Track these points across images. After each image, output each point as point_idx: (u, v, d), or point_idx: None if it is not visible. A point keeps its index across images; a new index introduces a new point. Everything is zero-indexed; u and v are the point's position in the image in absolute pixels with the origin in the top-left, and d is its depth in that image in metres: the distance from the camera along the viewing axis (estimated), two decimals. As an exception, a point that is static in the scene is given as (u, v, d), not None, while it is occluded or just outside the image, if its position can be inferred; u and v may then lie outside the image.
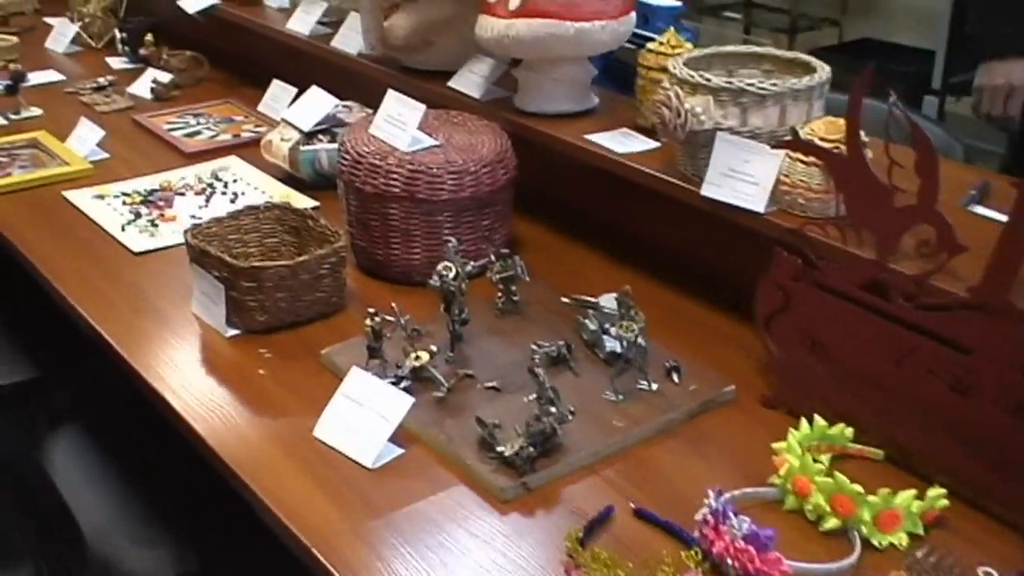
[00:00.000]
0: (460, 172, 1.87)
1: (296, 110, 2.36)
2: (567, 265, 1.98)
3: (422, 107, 1.91)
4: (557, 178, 2.09)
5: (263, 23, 2.86)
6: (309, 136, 2.32)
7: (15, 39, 3.36)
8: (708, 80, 1.68)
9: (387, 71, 2.40)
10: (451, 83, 2.24)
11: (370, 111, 2.32)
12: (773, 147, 1.65)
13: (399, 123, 1.91)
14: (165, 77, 3.00)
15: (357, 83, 2.49)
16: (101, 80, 3.08)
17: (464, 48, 2.27)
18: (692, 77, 1.70)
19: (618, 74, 2.16)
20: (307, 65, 2.74)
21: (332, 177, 2.26)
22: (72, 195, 2.32)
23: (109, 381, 2.25)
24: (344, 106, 2.39)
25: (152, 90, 2.97)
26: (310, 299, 1.80)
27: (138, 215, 2.22)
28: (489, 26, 2.00)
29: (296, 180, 2.35)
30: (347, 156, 1.92)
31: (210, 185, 2.37)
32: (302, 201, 2.26)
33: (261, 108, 2.81)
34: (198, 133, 2.69)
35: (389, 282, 1.95)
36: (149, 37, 3.15)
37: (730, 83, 1.67)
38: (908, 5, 5.66)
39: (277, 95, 2.78)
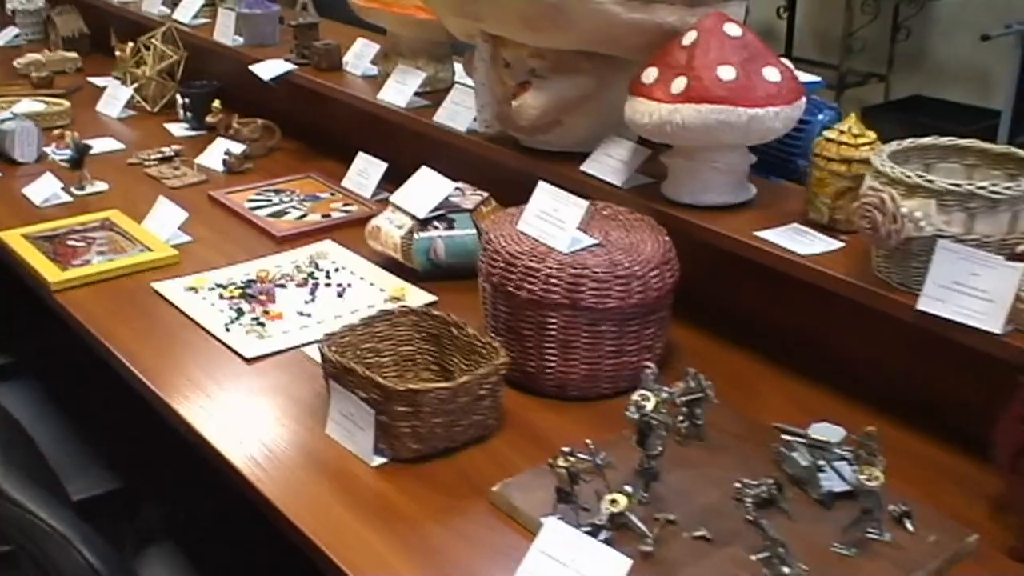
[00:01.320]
0: (627, 276, 1.67)
1: (407, 194, 2.16)
2: (737, 380, 1.77)
3: (584, 203, 1.71)
4: (718, 278, 1.88)
5: (350, 92, 2.66)
6: (423, 223, 2.11)
7: (66, 103, 3.16)
8: (931, 182, 1.49)
9: (506, 151, 2.22)
10: (585, 167, 2.05)
11: (483, 194, 2.14)
12: (1008, 258, 1.45)
13: (556, 221, 1.71)
14: (237, 148, 2.79)
15: (466, 162, 2.29)
16: (166, 150, 2.88)
17: (592, 128, 2.09)
18: (909, 177, 1.50)
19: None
20: (400, 139, 2.55)
21: (447, 267, 2.07)
22: (163, 288, 2.11)
23: (205, 495, 2.04)
24: (456, 188, 2.19)
25: (224, 162, 2.76)
26: (467, 423, 1.59)
27: (240, 312, 2.01)
28: (646, 110, 1.80)
29: (403, 268, 2.14)
30: (497, 257, 1.72)
31: (311, 275, 2.17)
32: (418, 296, 2.06)
33: (347, 184, 2.61)
34: (284, 212, 2.49)
35: (540, 396, 1.74)
36: (217, 104, 2.94)
37: (957, 186, 1.48)
38: (959, 61, 5.51)
39: (365, 170, 2.58)
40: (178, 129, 3.11)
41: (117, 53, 3.48)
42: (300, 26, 2.84)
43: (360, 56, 2.77)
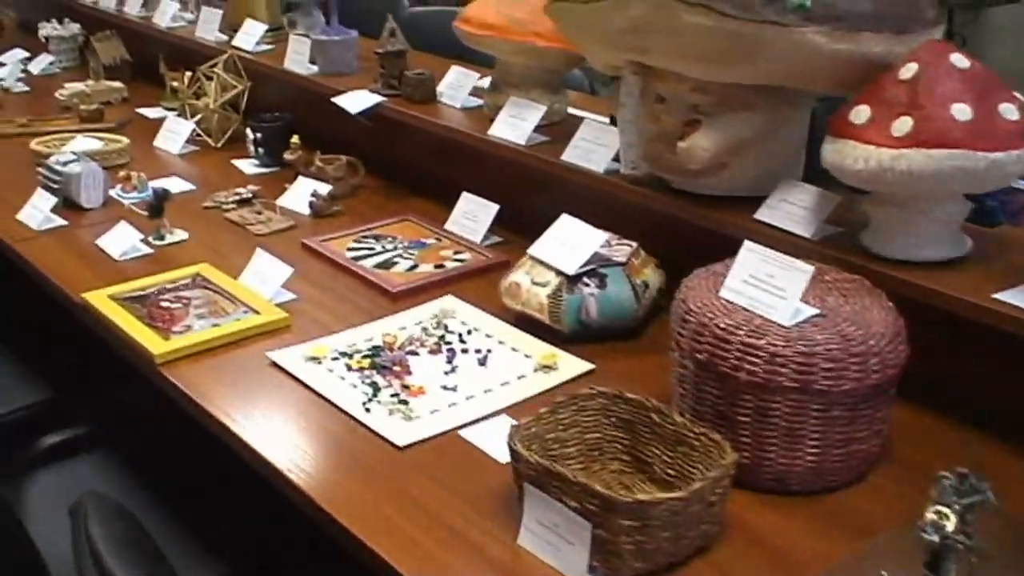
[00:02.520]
0: (863, 353, 1.43)
1: (549, 246, 1.93)
2: (989, 470, 1.52)
3: (808, 268, 1.47)
4: (942, 347, 1.64)
5: (450, 126, 2.42)
6: (572, 280, 1.87)
7: (124, 139, 2.92)
8: None
9: (656, 195, 1.98)
10: (761, 215, 1.81)
11: (631, 244, 1.90)
12: None
13: (773, 289, 1.47)
14: (324, 188, 2.55)
15: (604, 207, 2.05)
16: (242, 191, 2.63)
17: (763, 170, 1.86)
18: None
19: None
20: (511, 178, 2.32)
21: (597, 328, 1.83)
22: (281, 358, 1.86)
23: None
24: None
25: (311, 204, 2.52)
26: (693, 534, 1.35)
27: (376, 387, 1.77)
28: (860, 155, 1.57)
29: (540, 327, 1.90)
30: (704, 331, 1.47)
31: (442, 339, 1.93)
32: (571, 363, 1.83)
33: (451, 227, 2.38)
34: (392, 263, 2.24)
35: (756, 491, 1.50)
36: (295, 140, 2.70)
37: None
38: (1015, 69, 5.29)
39: (472, 213, 2.35)
40: (248, 166, 2.87)
41: (174, 84, 3.24)
42: (388, 54, 2.60)
43: (457, 86, 2.53)
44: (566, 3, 1.84)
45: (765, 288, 1.48)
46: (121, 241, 2.30)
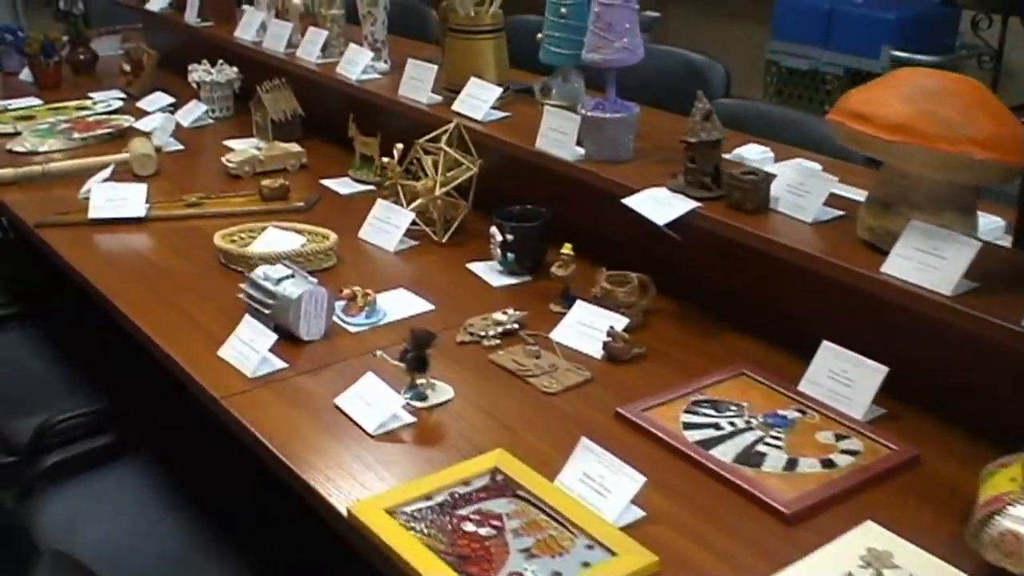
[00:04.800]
0: None
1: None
2: None
3: None
4: None
5: (822, 256, 1.78)
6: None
7: (332, 235, 2.32)
8: None
9: None
10: None
11: None
12: None
13: None
14: (616, 319, 1.92)
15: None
16: (503, 319, 2.02)
17: None
18: None
19: None
20: (909, 330, 1.68)
21: None
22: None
23: None
24: None
25: (607, 346, 1.89)
26: None
27: None
28: None
29: None
30: None
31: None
32: None
33: (809, 390, 1.74)
34: (757, 455, 1.62)
35: None
36: (568, 250, 2.07)
37: None
38: None
39: (847, 375, 1.71)
40: (489, 273, 2.26)
41: (365, 152, 2.65)
42: (701, 144, 1.96)
43: (804, 192, 1.88)
44: None
45: None
46: (379, 410, 1.69)
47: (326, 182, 2.81)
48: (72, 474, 2.12)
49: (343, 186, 2.78)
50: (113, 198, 2.57)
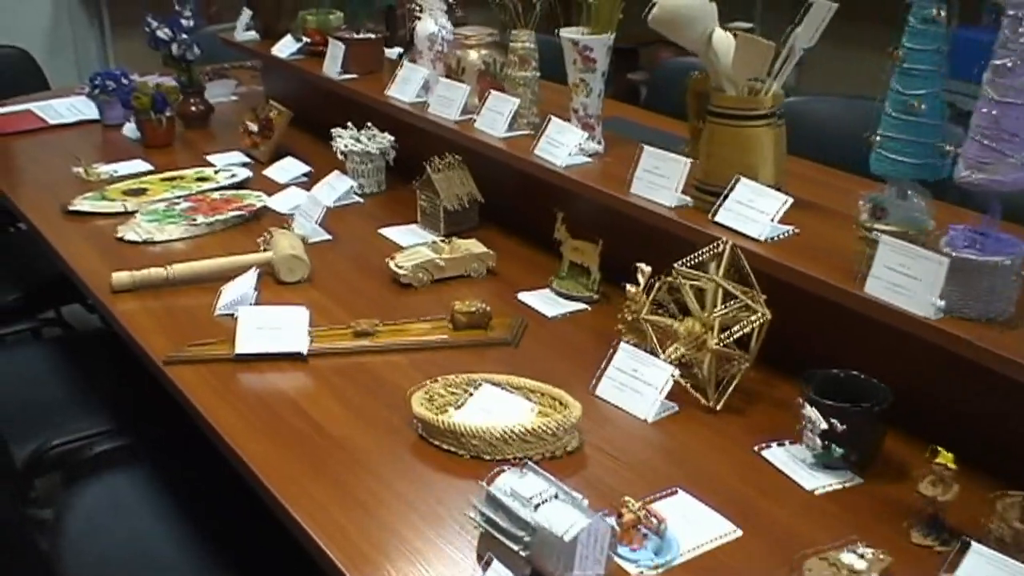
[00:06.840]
0: None
1: None
2: None
3: None
4: None
5: None
6: None
7: (571, 402, 1.69)
8: None
9: None
10: None
11: None
12: None
13: None
14: None
15: None
16: (851, 559, 1.39)
17: None
18: None
19: None
20: None
21: None
22: None
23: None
24: None
25: None
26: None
27: None
28: None
29: None
30: None
31: None
32: None
33: None
34: None
35: None
36: (950, 460, 1.42)
37: None
38: None
39: None
40: (792, 464, 1.63)
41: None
42: None
43: None
44: None
45: None
46: None
47: (524, 296, 2.18)
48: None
49: (545, 303, 2.16)
50: (263, 325, 1.96)
